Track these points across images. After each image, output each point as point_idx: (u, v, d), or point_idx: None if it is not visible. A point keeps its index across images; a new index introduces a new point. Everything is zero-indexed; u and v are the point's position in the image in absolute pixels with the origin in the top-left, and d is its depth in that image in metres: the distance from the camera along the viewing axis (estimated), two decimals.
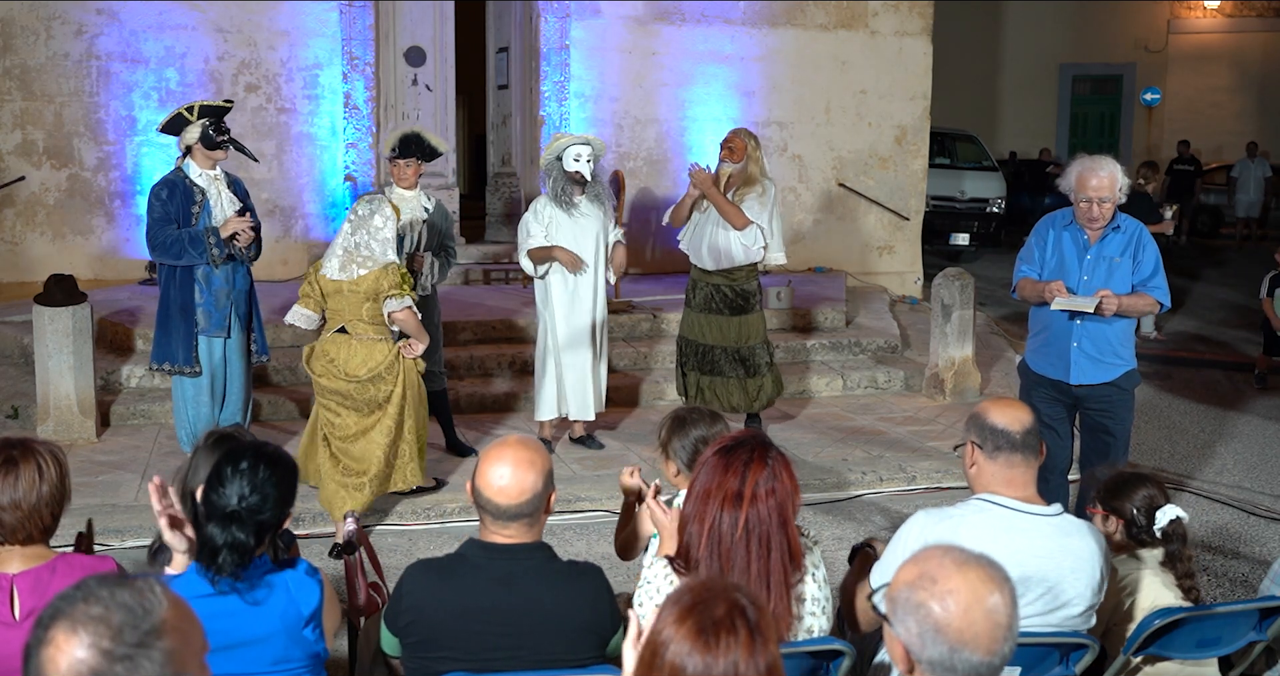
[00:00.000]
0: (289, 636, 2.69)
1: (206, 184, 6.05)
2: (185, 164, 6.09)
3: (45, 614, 1.71)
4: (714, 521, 2.72)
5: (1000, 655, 1.98)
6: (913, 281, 11.87)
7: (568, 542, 5.72)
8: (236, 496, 2.66)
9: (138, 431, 7.14)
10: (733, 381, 6.93)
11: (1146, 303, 5.06)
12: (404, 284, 5.52)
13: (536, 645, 2.79)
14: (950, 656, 1.97)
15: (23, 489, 2.73)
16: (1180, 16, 23.93)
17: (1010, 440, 3.10)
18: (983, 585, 1.99)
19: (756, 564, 2.72)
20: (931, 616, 1.97)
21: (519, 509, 2.80)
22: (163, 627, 1.71)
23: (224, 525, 2.63)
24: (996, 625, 1.97)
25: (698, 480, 2.79)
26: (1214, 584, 5.36)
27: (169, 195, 5.98)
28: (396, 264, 5.53)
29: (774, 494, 2.74)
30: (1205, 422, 8.29)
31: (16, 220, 9.63)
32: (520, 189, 11.20)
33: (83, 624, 1.68)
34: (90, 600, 1.70)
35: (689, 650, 1.87)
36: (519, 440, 2.90)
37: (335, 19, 9.99)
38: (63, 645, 1.67)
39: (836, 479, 6.66)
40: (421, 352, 5.62)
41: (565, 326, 6.65)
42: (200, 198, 6.02)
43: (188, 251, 5.92)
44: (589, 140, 6.60)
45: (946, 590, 1.98)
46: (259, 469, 2.71)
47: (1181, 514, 3.48)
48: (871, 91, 11.48)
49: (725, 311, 6.89)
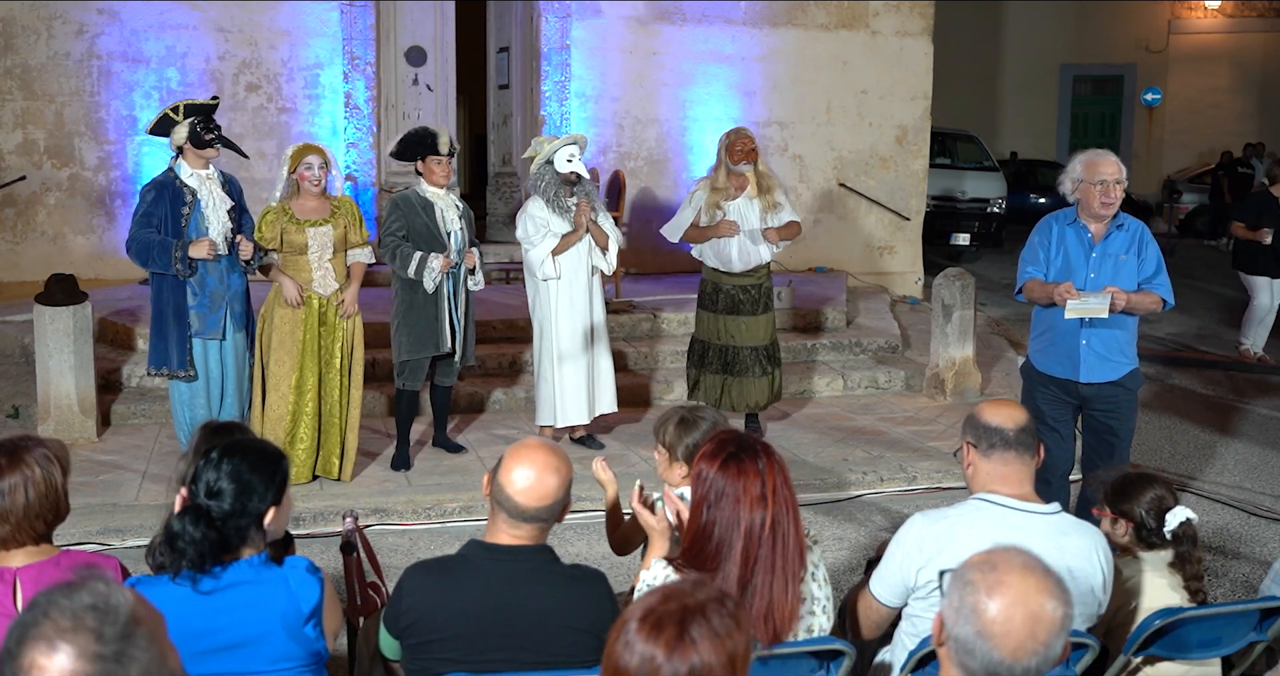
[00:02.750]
0: (289, 634, 2.69)
1: (198, 184, 6.01)
2: (177, 165, 6.05)
3: (9, 644, 1.66)
4: (749, 524, 2.74)
5: (1023, 666, 1.95)
6: (913, 281, 11.87)
7: (568, 542, 5.71)
8: (204, 487, 2.67)
9: (138, 431, 7.14)
10: (762, 380, 6.97)
11: (1152, 300, 5.05)
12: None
13: (537, 646, 2.78)
14: (973, 641, 1.96)
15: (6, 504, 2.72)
16: (1181, 17, 23.92)
17: (1004, 437, 3.09)
18: (1037, 593, 1.97)
19: (780, 560, 2.76)
20: (974, 597, 1.98)
21: (538, 512, 2.80)
22: (135, 616, 1.70)
23: (180, 518, 2.64)
24: (1032, 636, 1.95)
25: (715, 487, 2.78)
26: (1215, 584, 5.36)
27: (156, 197, 5.95)
28: None
29: (786, 488, 2.80)
30: (1206, 423, 8.28)
31: (17, 220, 9.64)
32: (521, 189, 11.20)
33: (59, 637, 1.64)
34: (52, 614, 1.66)
35: (645, 649, 1.82)
36: (544, 444, 2.91)
37: (336, 19, 9.99)
38: (46, 665, 1.63)
39: (837, 479, 6.66)
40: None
41: (563, 329, 6.65)
42: (191, 199, 5.97)
43: (155, 259, 5.90)
44: (575, 139, 6.62)
45: (999, 581, 1.98)
46: (224, 462, 2.71)
47: (1191, 515, 3.44)
48: (872, 91, 11.48)
49: (754, 310, 6.93)
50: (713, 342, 7.00)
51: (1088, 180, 4.96)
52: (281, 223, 6.04)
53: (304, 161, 6.06)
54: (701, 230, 6.83)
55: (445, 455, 6.79)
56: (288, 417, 6.09)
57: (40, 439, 2.88)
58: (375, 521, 5.93)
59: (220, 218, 6.02)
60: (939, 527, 3.02)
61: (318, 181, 6.07)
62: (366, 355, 6.44)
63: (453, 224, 6.36)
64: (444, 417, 6.88)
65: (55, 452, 2.84)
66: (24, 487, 2.73)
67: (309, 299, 6.09)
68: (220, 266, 6.02)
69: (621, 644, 1.84)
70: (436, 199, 6.37)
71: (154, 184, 6.03)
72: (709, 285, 7.02)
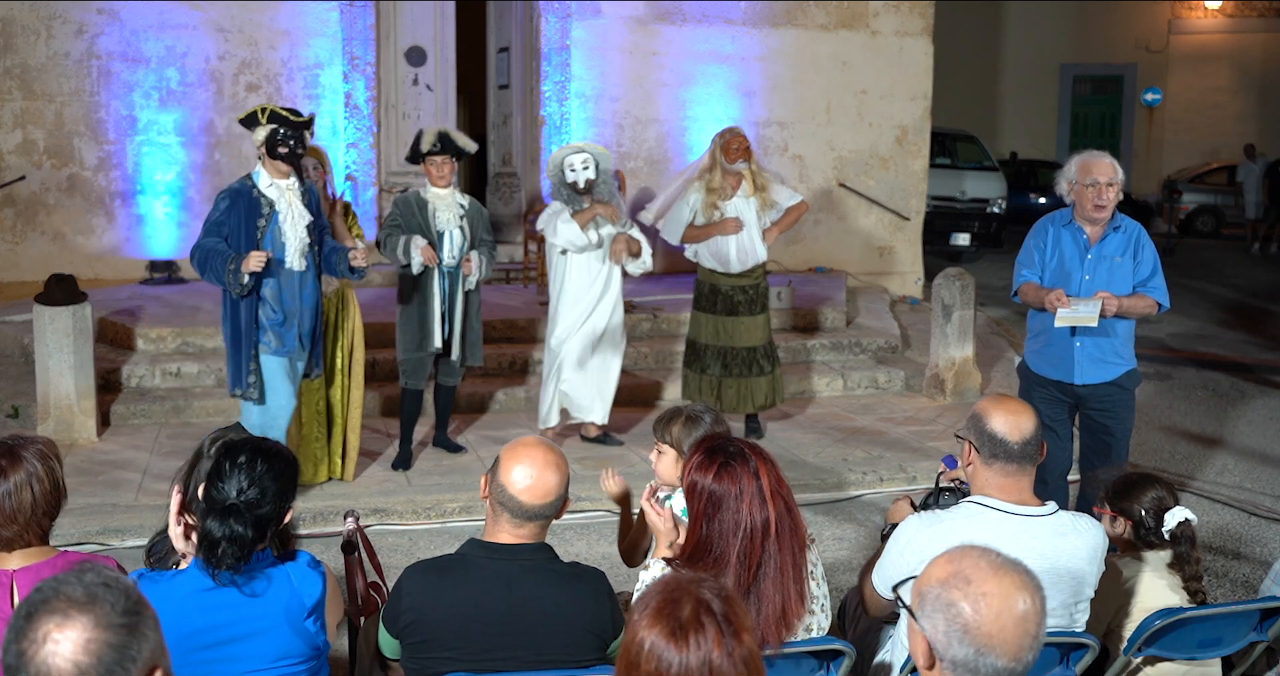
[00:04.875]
0: (292, 628, 2.71)
1: (277, 196, 5.51)
2: (255, 172, 5.58)
3: (16, 622, 1.66)
4: (750, 526, 2.74)
5: (1024, 663, 1.96)
6: (913, 281, 11.86)
7: (568, 542, 5.71)
8: (235, 490, 2.68)
9: (138, 431, 7.13)
10: (762, 379, 6.98)
11: (1146, 303, 5.04)
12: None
13: (536, 645, 2.78)
14: (975, 659, 1.95)
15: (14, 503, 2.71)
16: (1181, 17, 23.93)
17: (1007, 450, 3.06)
18: (1017, 591, 1.97)
19: (789, 557, 2.77)
20: (962, 617, 1.95)
21: (541, 510, 2.81)
22: (140, 599, 1.71)
23: (223, 519, 2.64)
24: (1026, 633, 1.96)
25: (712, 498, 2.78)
26: (1215, 584, 5.36)
27: (229, 206, 5.44)
28: None
29: (782, 486, 2.81)
30: (1206, 423, 8.28)
31: (16, 220, 9.63)
32: (521, 189, 11.20)
33: (73, 608, 1.65)
34: (64, 590, 1.67)
35: (665, 648, 1.87)
36: (539, 441, 2.91)
37: (336, 19, 9.99)
38: (59, 638, 1.63)
39: (837, 479, 6.66)
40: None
41: (577, 330, 6.68)
42: (268, 211, 5.48)
43: (212, 270, 5.39)
44: (583, 147, 6.63)
45: (981, 592, 1.96)
46: (257, 463, 2.73)
47: (1190, 516, 3.45)
48: (872, 91, 11.47)
49: (752, 311, 6.94)
50: (710, 344, 6.99)
51: (1081, 182, 4.97)
52: None
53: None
54: (704, 229, 6.83)
55: (445, 455, 6.79)
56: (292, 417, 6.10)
57: (30, 436, 2.88)
58: (375, 521, 5.92)
59: (299, 233, 5.55)
60: (934, 531, 3.01)
61: (315, 183, 6.08)
62: (366, 355, 6.46)
63: (448, 224, 6.35)
64: (445, 417, 6.90)
65: (48, 449, 2.84)
66: (29, 484, 2.73)
67: None
68: (294, 280, 5.59)
69: (641, 647, 1.88)
70: (435, 199, 6.38)
71: (229, 192, 5.51)
72: (705, 286, 7.01)
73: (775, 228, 6.93)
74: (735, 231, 6.78)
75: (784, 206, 6.95)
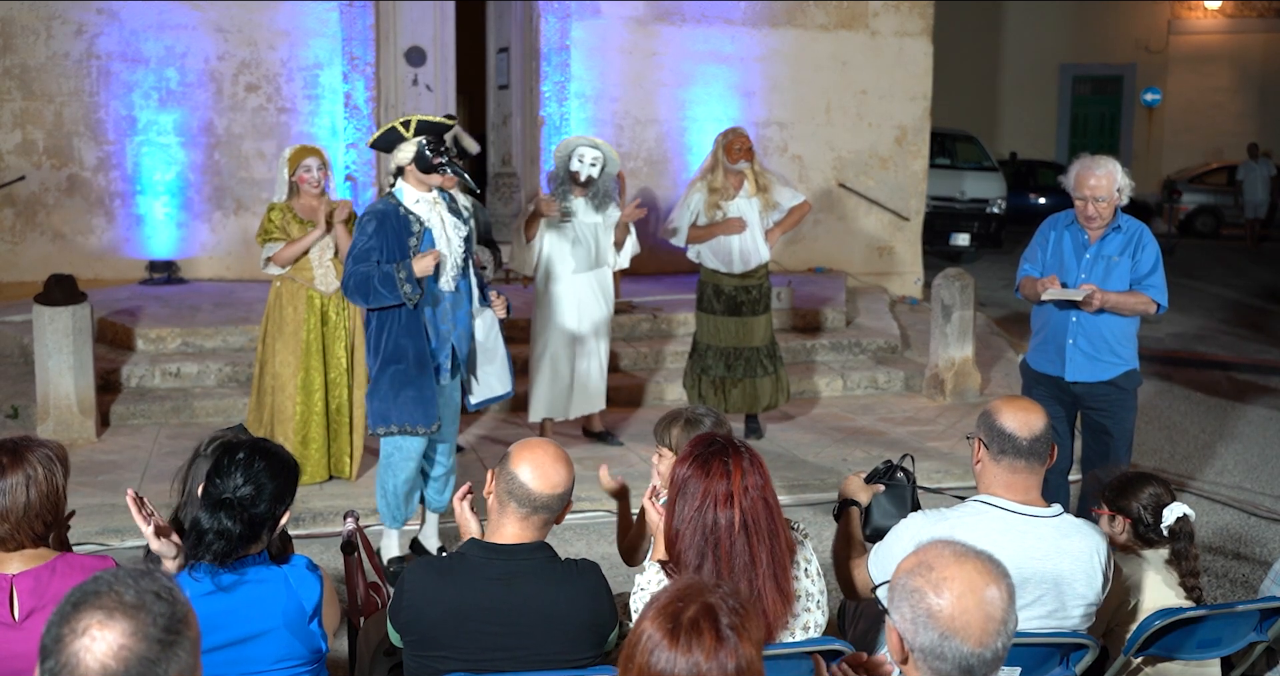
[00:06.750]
0: (291, 630, 2.72)
1: (426, 211, 5.04)
2: (397, 189, 5.08)
3: (64, 606, 1.69)
4: (711, 523, 2.74)
5: (992, 649, 1.98)
6: (913, 282, 11.86)
7: (568, 543, 5.71)
8: (232, 486, 2.71)
9: (138, 431, 7.13)
10: (766, 379, 6.99)
11: (1139, 301, 5.05)
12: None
13: (535, 645, 2.79)
14: (940, 643, 1.98)
15: (6, 503, 2.71)
16: (1180, 17, 23.93)
17: (1016, 446, 3.08)
18: (979, 576, 2.01)
19: (765, 556, 2.76)
20: (925, 602, 2.00)
21: (548, 501, 2.84)
22: (189, 619, 1.72)
23: (213, 511, 2.67)
24: (989, 617, 1.98)
25: (686, 488, 2.80)
26: (1215, 584, 5.36)
27: (377, 228, 4.93)
28: None
29: (758, 486, 2.79)
30: (1206, 423, 8.28)
31: (16, 220, 9.63)
32: (521, 189, 11.20)
33: (119, 610, 1.66)
34: (118, 588, 1.69)
35: (660, 646, 1.90)
36: (547, 440, 2.99)
37: (335, 19, 9.99)
38: (98, 635, 1.65)
39: (836, 479, 6.64)
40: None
41: (569, 325, 6.67)
42: (419, 228, 5.00)
43: (378, 292, 4.88)
44: (599, 145, 6.62)
45: (942, 577, 2.01)
46: (255, 461, 2.75)
47: (1188, 512, 3.47)
48: (872, 92, 11.47)
49: (755, 311, 6.95)
50: (714, 345, 7.00)
51: (1075, 192, 5.04)
52: (287, 220, 6.07)
53: (302, 164, 6.08)
54: (708, 228, 6.84)
55: None
56: (297, 418, 6.11)
57: (42, 440, 2.89)
58: (375, 522, 5.92)
59: (455, 249, 5.11)
60: (938, 528, 3.01)
61: (316, 183, 6.09)
62: None
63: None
64: None
65: (56, 454, 2.85)
66: (25, 486, 2.73)
67: (310, 298, 6.10)
68: (445, 303, 5.11)
69: (640, 637, 1.91)
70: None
71: (374, 213, 4.98)
72: (709, 287, 7.01)
73: (778, 228, 6.94)
74: (739, 231, 6.78)
75: (786, 207, 6.95)
